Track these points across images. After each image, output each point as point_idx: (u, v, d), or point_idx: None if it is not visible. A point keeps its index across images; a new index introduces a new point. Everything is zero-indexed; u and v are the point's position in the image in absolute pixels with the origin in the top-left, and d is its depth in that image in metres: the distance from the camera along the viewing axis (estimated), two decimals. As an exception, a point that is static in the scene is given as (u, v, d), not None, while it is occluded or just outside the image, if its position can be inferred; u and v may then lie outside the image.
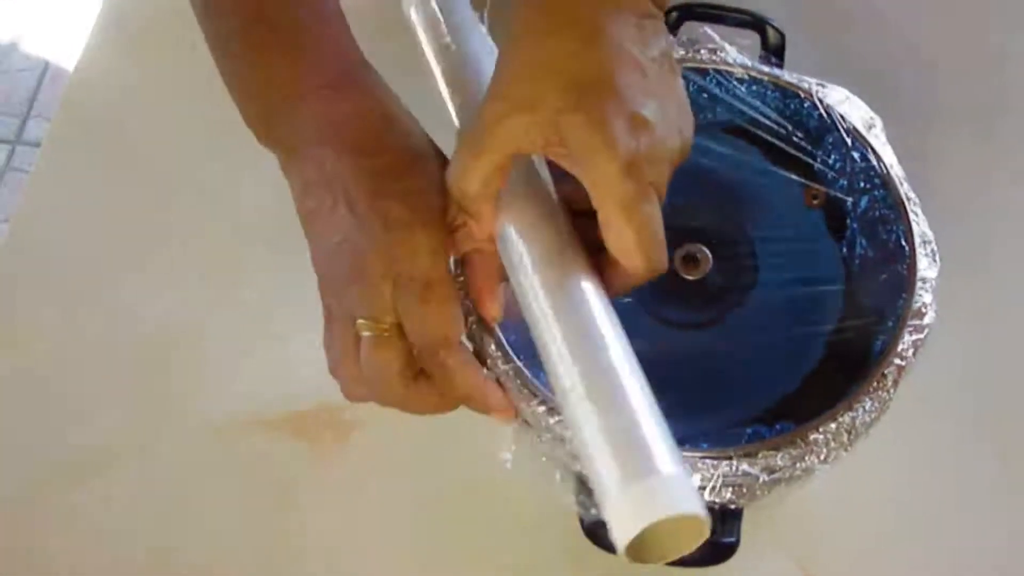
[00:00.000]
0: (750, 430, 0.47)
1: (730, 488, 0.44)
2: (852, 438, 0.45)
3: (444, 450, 0.58)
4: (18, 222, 0.69)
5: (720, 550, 0.49)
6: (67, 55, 1.55)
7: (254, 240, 0.66)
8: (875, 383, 0.46)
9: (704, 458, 0.44)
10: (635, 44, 0.41)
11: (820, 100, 0.54)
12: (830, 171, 0.55)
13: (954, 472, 0.57)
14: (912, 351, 0.47)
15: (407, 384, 0.44)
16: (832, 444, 0.45)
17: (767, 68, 0.56)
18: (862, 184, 0.53)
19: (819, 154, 0.55)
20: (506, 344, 0.47)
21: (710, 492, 0.44)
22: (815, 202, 0.55)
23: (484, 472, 0.56)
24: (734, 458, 0.44)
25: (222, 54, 0.48)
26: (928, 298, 0.48)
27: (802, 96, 0.55)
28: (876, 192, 0.53)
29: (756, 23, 0.59)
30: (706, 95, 0.56)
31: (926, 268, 0.49)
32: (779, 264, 0.54)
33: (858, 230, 0.53)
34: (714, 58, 0.56)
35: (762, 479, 0.44)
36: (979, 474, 0.57)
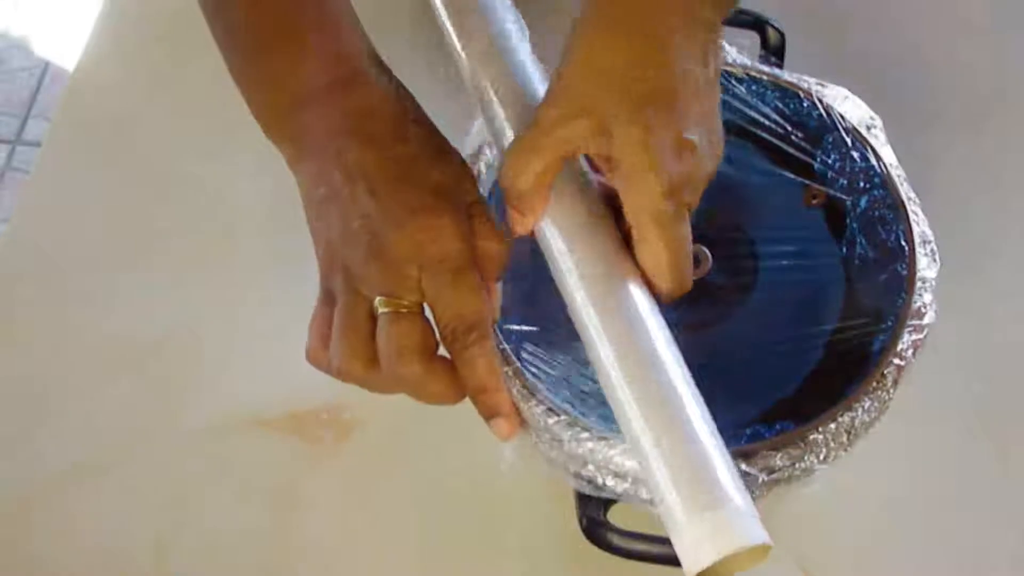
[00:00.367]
0: (749, 430, 0.47)
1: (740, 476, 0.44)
2: (852, 438, 0.45)
3: (444, 450, 0.58)
4: (18, 222, 0.69)
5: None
6: (67, 55, 1.55)
7: (254, 240, 0.66)
8: (875, 383, 0.46)
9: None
10: (697, 64, 0.41)
11: (820, 100, 0.54)
12: (830, 171, 0.55)
13: (954, 472, 0.57)
14: (912, 351, 0.47)
15: (426, 361, 0.43)
16: (832, 444, 0.45)
17: (767, 68, 0.56)
18: (862, 184, 0.53)
19: (819, 154, 0.55)
20: (506, 346, 0.47)
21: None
22: (815, 202, 0.55)
23: (484, 472, 0.57)
24: (734, 458, 0.44)
25: (230, 47, 0.48)
26: (928, 298, 0.48)
27: (802, 96, 0.55)
28: (876, 192, 0.53)
29: (756, 23, 0.59)
30: (706, 95, 0.56)
31: (926, 268, 0.49)
32: (779, 264, 0.54)
33: (858, 230, 0.53)
34: (714, 58, 0.56)
35: (761, 479, 0.44)
36: (979, 474, 0.57)
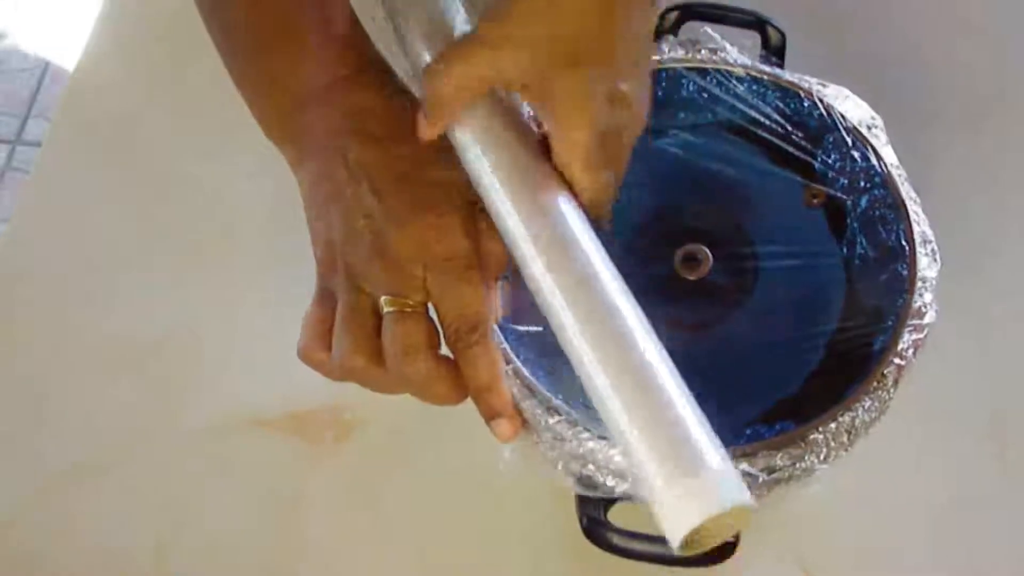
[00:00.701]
0: (750, 430, 0.47)
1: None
2: (852, 438, 0.45)
3: (444, 450, 0.58)
4: (18, 222, 0.69)
5: (719, 550, 0.48)
6: (67, 55, 1.55)
7: (254, 240, 0.66)
8: (875, 383, 0.46)
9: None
10: (640, 16, 0.41)
11: (820, 100, 0.54)
12: (830, 171, 0.55)
13: (954, 472, 0.57)
14: (912, 351, 0.47)
15: (431, 360, 0.42)
16: (832, 444, 0.45)
17: (767, 68, 0.56)
18: (862, 184, 0.53)
19: (819, 154, 0.55)
20: (506, 344, 0.47)
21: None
22: (815, 201, 0.55)
23: (484, 473, 0.56)
24: (734, 458, 0.43)
25: (229, 48, 0.47)
26: (928, 297, 0.48)
27: (802, 96, 0.55)
28: (876, 192, 0.52)
29: (757, 23, 0.58)
30: (706, 95, 0.56)
31: (926, 268, 0.49)
32: (779, 264, 0.54)
33: (858, 230, 0.53)
34: (715, 58, 0.56)
35: (762, 479, 0.44)
36: (979, 474, 0.57)
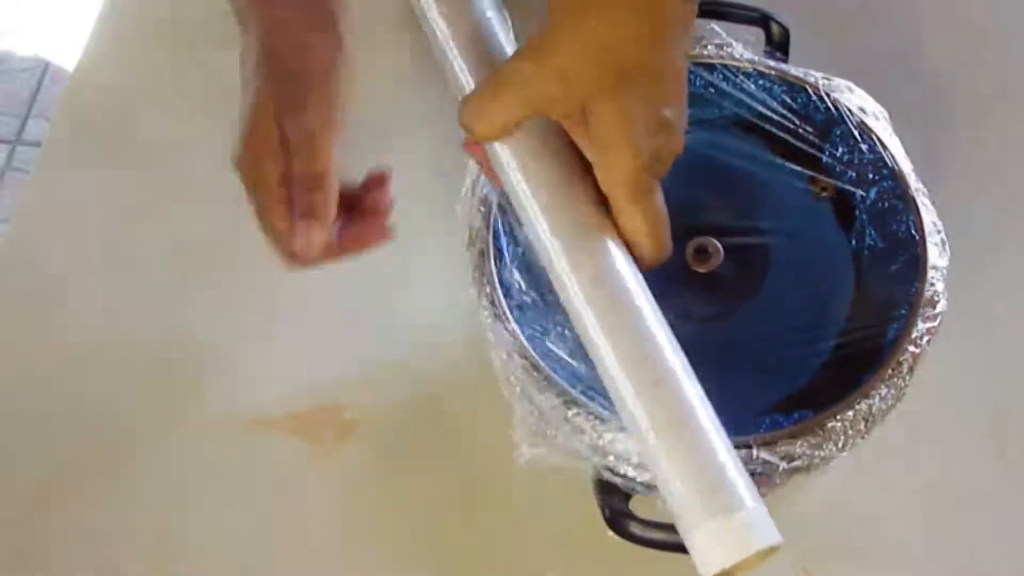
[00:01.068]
0: (768, 419, 0.47)
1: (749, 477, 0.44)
2: (869, 426, 0.46)
3: (444, 450, 0.58)
4: (18, 222, 0.68)
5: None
6: (67, 55, 1.54)
7: (254, 240, 0.66)
8: (890, 371, 0.46)
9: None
10: (681, 42, 0.41)
11: (827, 94, 0.55)
12: (838, 164, 0.55)
13: (955, 471, 0.57)
14: (926, 339, 0.47)
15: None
16: (849, 432, 0.45)
17: (773, 63, 0.56)
18: (871, 176, 0.54)
19: (827, 147, 0.55)
20: (523, 339, 0.47)
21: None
22: (824, 194, 0.55)
23: (484, 472, 0.57)
24: (753, 447, 0.44)
25: None
26: (940, 286, 0.49)
27: (809, 90, 0.55)
28: (885, 183, 0.53)
29: (761, 19, 0.59)
30: (714, 90, 0.56)
31: (937, 257, 0.50)
32: (789, 256, 0.54)
33: (867, 221, 0.54)
34: (721, 53, 0.56)
35: (782, 467, 0.44)
36: (981, 473, 0.57)
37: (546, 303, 0.50)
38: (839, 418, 0.45)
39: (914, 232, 0.50)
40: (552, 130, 0.42)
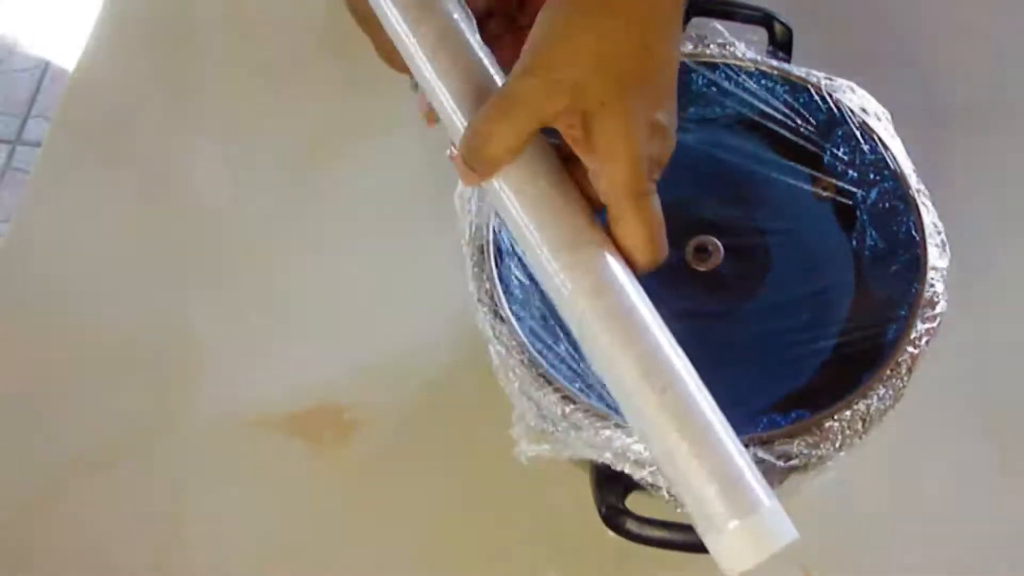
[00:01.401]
0: (765, 418, 0.47)
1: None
2: (867, 426, 0.45)
3: (444, 450, 0.58)
4: (18, 222, 0.68)
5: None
6: (67, 55, 1.55)
7: (253, 240, 0.66)
8: (889, 371, 0.46)
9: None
10: (674, 47, 0.41)
11: (829, 94, 0.55)
12: (839, 163, 0.55)
13: (954, 471, 0.57)
14: (925, 340, 0.47)
15: None
16: (847, 432, 0.45)
17: (776, 62, 0.56)
18: (872, 176, 0.54)
19: (828, 147, 0.55)
20: (523, 337, 0.47)
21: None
22: (825, 194, 0.55)
23: (484, 472, 0.57)
24: (750, 446, 0.44)
25: None
26: (940, 287, 0.49)
27: (811, 90, 0.55)
28: (886, 184, 0.53)
29: (764, 18, 0.59)
30: (716, 89, 0.56)
31: (937, 258, 0.50)
32: (790, 255, 0.54)
33: (868, 221, 0.54)
34: (724, 53, 0.56)
35: (779, 467, 0.44)
36: (979, 473, 0.57)
37: (545, 300, 0.50)
38: (837, 418, 0.45)
39: (914, 233, 0.50)
40: (539, 143, 0.42)
